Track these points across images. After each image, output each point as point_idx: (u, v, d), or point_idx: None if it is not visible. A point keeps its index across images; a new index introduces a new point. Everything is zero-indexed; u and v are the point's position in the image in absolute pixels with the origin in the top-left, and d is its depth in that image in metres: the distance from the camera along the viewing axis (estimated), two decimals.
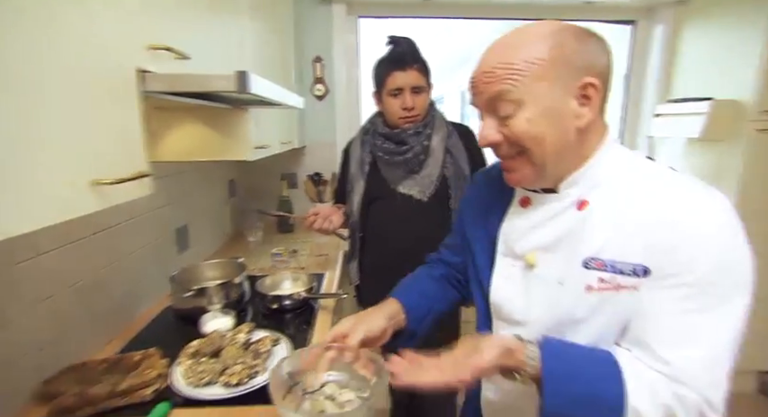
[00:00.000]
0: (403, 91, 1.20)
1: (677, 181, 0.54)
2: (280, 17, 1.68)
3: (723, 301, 0.49)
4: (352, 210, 1.35)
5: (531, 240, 0.61)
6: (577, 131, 0.54)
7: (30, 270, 0.80)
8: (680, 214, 0.50)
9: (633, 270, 0.52)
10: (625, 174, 0.56)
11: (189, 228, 1.49)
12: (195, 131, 1.16)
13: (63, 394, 0.77)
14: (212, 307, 1.09)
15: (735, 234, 0.50)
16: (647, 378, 0.50)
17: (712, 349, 0.49)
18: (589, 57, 0.53)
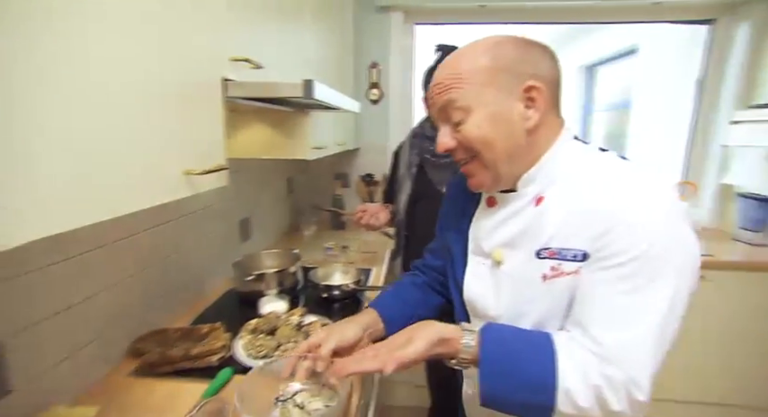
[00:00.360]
0: None
1: (622, 170, 0.57)
2: (340, 26, 1.79)
3: (654, 284, 0.51)
4: (398, 209, 1.41)
5: (495, 238, 0.65)
6: (526, 132, 0.58)
7: (119, 249, 0.95)
8: (617, 201, 0.53)
9: (574, 255, 0.56)
10: (579, 167, 0.59)
11: (251, 220, 1.64)
12: (262, 132, 1.29)
13: (148, 353, 0.91)
14: (269, 292, 1.20)
15: (670, 220, 0.52)
16: (579, 359, 0.52)
17: (641, 330, 0.51)
18: (530, 63, 0.58)
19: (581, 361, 0.52)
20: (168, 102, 0.60)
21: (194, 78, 0.66)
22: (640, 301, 0.51)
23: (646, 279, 0.51)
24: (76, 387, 0.81)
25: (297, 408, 0.67)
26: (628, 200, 0.53)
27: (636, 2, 1.97)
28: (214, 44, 0.72)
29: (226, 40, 0.76)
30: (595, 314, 0.53)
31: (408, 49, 2.21)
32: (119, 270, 0.94)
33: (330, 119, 1.56)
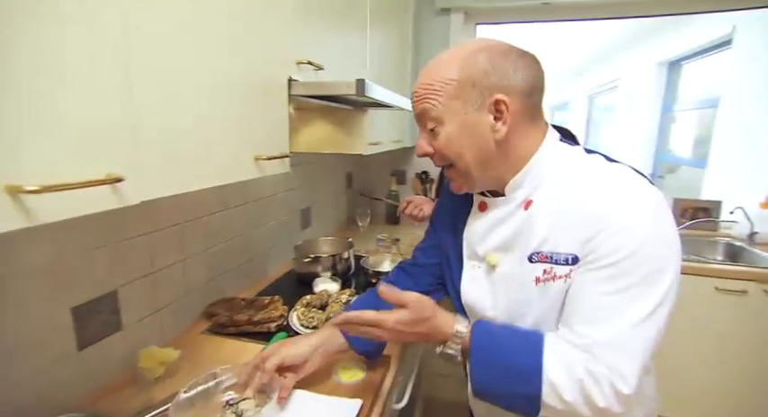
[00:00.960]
0: None
1: (609, 174, 0.58)
2: (400, 28, 1.88)
3: (643, 283, 0.52)
4: None
5: (488, 242, 0.66)
6: (496, 142, 0.59)
7: (199, 226, 1.11)
8: (603, 204, 0.54)
9: (566, 259, 0.57)
10: (565, 171, 0.60)
11: (311, 210, 1.78)
12: (324, 128, 1.41)
13: (218, 316, 1.06)
14: (323, 274, 1.32)
15: (656, 220, 0.53)
16: (566, 354, 0.54)
17: (626, 325, 0.52)
18: (500, 75, 0.57)
19: (566, 356, 0.54)
20: (246, 99, 0.72)
21: (266, 79, 0.78)
22: (628, 299, 0.52)
23: (634, 278, 0.52)
24: (164, 335, 0.98)
25: (234, 415, 0.70)
26: (614, 203, 0.54)
27: None
28: (283, 49, 0.83)
29: (293, 45, 0.88)
30: (582, 311, 0.55)
31: None
32: (199, 244, 1.10)
33: (386, 117, 1.64)
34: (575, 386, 0.53)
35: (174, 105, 0.56)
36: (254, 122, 0.76)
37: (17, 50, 0.36)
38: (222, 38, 0.65)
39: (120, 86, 0.46)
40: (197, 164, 0.61)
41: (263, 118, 0.78)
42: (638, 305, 0.52)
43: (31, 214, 0.37)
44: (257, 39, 0.74)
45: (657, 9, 1.96)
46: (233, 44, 0.68)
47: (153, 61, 0.52)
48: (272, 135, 0.82)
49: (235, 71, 0.69)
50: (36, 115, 0.38)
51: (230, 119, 0.69)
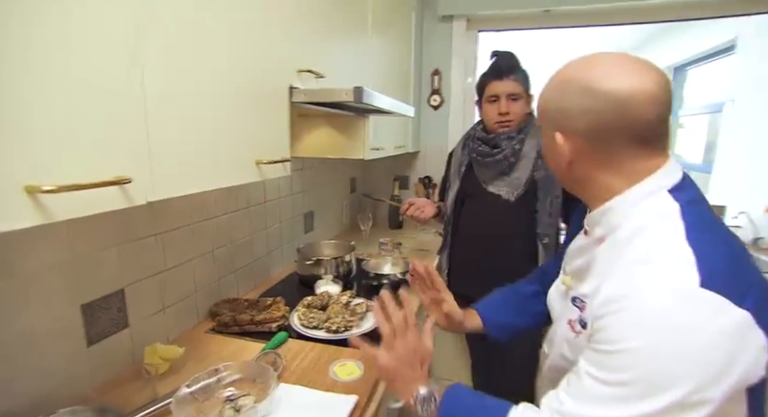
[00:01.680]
0: (499, 98, 1.32)
1: (662, 249, 0.48)
2: (402, 36, 1.92)
3: (640, 393, 0.44)
4: (447, 205, 1.50)
5: (571, 264, 0.67)
6: (567, 165, 0.58)
7: (205, 228, 1.15)
8: (631, 289, 0.46)
9: (582, 322, 0.56)
10: (640, 228, 0.52)
11: (315, 214, 1.82)
12: (326, 134, 1.45)
13: (222, 315, 1.09)
14: (325, 276, 1.35)
15: (684, 334, 0.43)
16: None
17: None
18: (562, 113, 0.56)
19: None
20: (249, 105, 0.76)
21: (268, 86, 0.82)
22: (613, 394, 0.46)
23: (626, 373, 0.45)
24: (169, 333, 1.01)
25: (232, 409, 0.73)
26: (641, 296, 0.45)
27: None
28: (285, 59, 0.88)
29: (295, 55, 0.92)
30: (574, 382, 0.51)
31: (471, 56, 2.27)
32: (206, 245, 1.14)
33: (389, 123, 1.68)
34: None
35: (182, 112, 0.59)
36: (256, 128, 0.79)
37: (38, 54, 0.39)
38: (226, 47, 0.69)
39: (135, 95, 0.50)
40: (201, 168, 0.65)
41: (264, 123, 0.82)
42: (619, 408, 0.45)
43: (47, 212, 0.40)
44: (260, 49, 0.78)
45: (658, 15, 1.98)
46: (237, 53, 0.72)
47: (165, 69, 0.55)
48: (273, 140, 0.85)
49: (239, 79, 0.73)
50: (53, 121, 0.41)
51: (234, 125, 0.72)
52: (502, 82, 1.32)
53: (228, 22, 0.69)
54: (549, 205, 1.29)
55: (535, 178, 1.30)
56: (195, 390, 0.74)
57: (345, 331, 1.04)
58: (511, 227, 1.33)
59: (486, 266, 1.40)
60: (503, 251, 1.36)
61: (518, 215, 1.32)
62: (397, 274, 1.38)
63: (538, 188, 1.30)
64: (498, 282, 1.39)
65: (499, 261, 1.37)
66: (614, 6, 1.93)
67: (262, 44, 0.79)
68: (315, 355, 0.94)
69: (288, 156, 0.88)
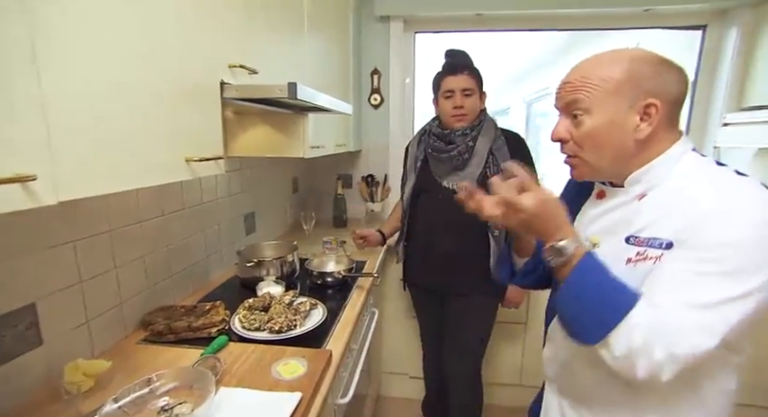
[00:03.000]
0: (454, 93, 1.39)
1: (729, 177, 0.62)
2: (340, 34, 1.92)
3: (724, 275, 0.55)
4: (403, 199, 1.57)
5: (597, 224, 0.73)
6: (635, 142, 0.65)
7: (133, 233, 1.08)
8: (716, 200, 0.58)
9: (660, 243, 0.62)
10: (686, 175, 0.64)
11: (256, 215, 1.77)
12: (263, 132, 1.41)
13: (155, 324, 1.03)
14: (267, 277, 1.32)
15: (763, 217, 0.55)
16: (647, 309, 0.58)
17: (706, 305, 0.55)
18: (658, 82, 0.63)
19: (647, 312, 0.58)
20: (175, 100, 0.72)
21: (197, 81, 0.79)
22: (718, 285, 0.55)
23: (735, 269, 0.55)
24: (94, 347, 0.94)
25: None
26: (728, 200, 0.57)
27: (629, 9, 2.04)
28: (215, 53, 0.85)
29: (226, 49, 0.89)
30: (664, 285, 0.58)
31: (409, 57, 2.33)
32: (133, 251, 1.06)
33: (329, 122, 1.67)
34: (646, 336, 0.56)
35: (90, 106, 0.55)
36: (186, 124, 0.76)
37: None
38: (140, 38, 0.65)
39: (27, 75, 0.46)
40: (119, 166, 0.61)
41: (195, 120, 0.79)
42: (719, 290, 0.55)
43: None
44: (184, 42, 0.75)
45: (574, 24, 2.16)
46: (162, 44, 0.68)
47: (64, 62, 0.51)
48: (204, 137, 0.82)
49: (160, 73, 0.69)
50: None
51: (157, 122, 0.69)
52: (456, 77, 1.38)
53: (143, 12, 0.65)
54: None
55: (487, 174, 1.37)
56: (124, 403, 0.70)
57: (289, 330, 1.02)
58: (464, 220, 1.37)
59: (440, 257, 1.47)
60: (456, 243, 1.43)
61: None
62: (341, 272, 1.38)
63: (488, 184, 1.36)
64: (451, 272, 1.49)
65: (452, 253, 1.45)
66: (538, 13, 2.08)
67: (186, 37, 0.75)
68: (257, 356, 0.92)
69: (221, 154, 0.85)
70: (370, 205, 2.35)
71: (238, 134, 1.34)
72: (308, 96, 0.92)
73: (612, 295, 0.61)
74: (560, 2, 2.02)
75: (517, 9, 2.06)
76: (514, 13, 2.10)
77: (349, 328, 1.12)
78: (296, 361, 0.88)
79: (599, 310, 0.61)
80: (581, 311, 0.63)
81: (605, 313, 0.60)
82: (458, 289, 1.50)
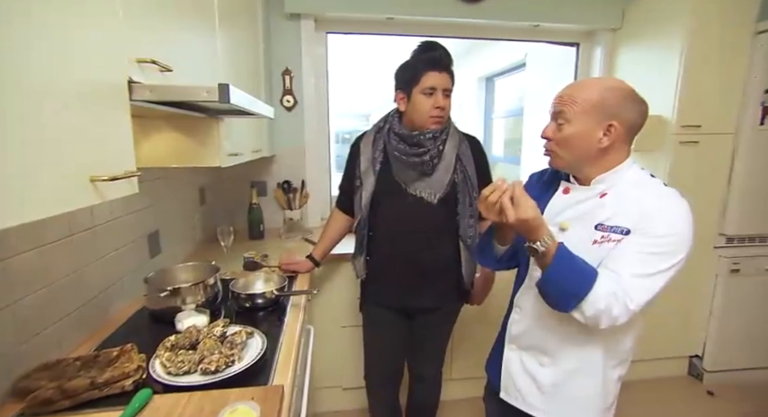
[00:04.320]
0: (436, 91, 1.26)
1: (665, 188, 0.89)
2: (249, 31, 1.76)
3: (666, 254, 0.82)
4: (360, 206, 1.38)
5: (565, 214, 0.95)
6: (598, 150, 0.88)
7: (3, 270, 0.83)
8: (661, 203, 0.85)
9: (621, 230, 0.85)
10: (635, 180, 0.90)
11: (160, 234, 1.52)
12: (171, 139, 1.22)
13: (39, 390, 0.79)
14: (186, 307, 1.14)
15: (689, 218, 0.84)
16: (606, 281, 0.82)
17: (647, 273, 0.82)
18: (621, 110, 0.86)
19: (606, 283, 0.82)
20: (65, 106, 0.55)
21: (97, 80, 0.62)
22: (654, 259, 0.82)
23: (665, 249, 0.82)
24: None
25: None
26: (668, 203, 0.85)
27: (520, 24, 2.26)
28: (118, 46, 0.67)
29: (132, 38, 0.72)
30: (623, 260, 0.83)
31: (321, 57, 2.25)
32: None
33: (244, 125, 1.52)
34: (606, 300, 0.81)
35: None
36: (86, 135, 0.59)
37: None
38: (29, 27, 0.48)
39: None
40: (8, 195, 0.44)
41: (97, 129, 0.62)
42: (659, 264, 0.82)
43: None
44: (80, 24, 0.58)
45: (475, 33, 2.32)
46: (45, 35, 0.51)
47: None
48: (111, 149, 0.65)
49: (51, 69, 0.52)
50: None
51: (48, 132, 0.52)
52: (441, 74, 1.26)
53: None
54: (470, 205, 1.31)
55: (455, 180, 1.31)
56: None
57: (227, 368, 0.89)
58: (434, 230, 1.32)
59: (410, 271, 1.36)
60: (426, 253, 1.34)
61: (440, 217, 1.31)
62: (274, 291, 1.26)
63: (458, 190, 1.31)
64: (422, 288, 1.39)
65: (423, 265, 1.35)
66: (444, 21, 2.18)
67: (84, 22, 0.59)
68: (195, 408, 0.77)
69: (134, 169, 0.69)
70: (289, 213, 2.21)
71: (140, 141, 1.13)
72: (241, 101, 0.80)
73: (580, 275, 0.83)
74: (464, 12, 2.14)
75: (425, 16, 2.13)
76: (422, 19, 2.17)
77: (293, 355, 1.02)
78: (245, 406, 0.76)
79: (572, 286, 0.83)
80: (559, 288, 0.85)
81: (577, 288, 0.82)
82: (429, 305, 1.40)
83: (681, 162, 2.01)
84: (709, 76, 1.93)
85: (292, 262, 1.54)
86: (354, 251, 1.47)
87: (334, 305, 1.90)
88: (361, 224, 1.39)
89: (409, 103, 1.30)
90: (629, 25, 2.24)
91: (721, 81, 1.96)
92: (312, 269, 1.57)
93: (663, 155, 2.04)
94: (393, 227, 1.36)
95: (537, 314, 1.00)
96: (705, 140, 2.01)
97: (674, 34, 1.94)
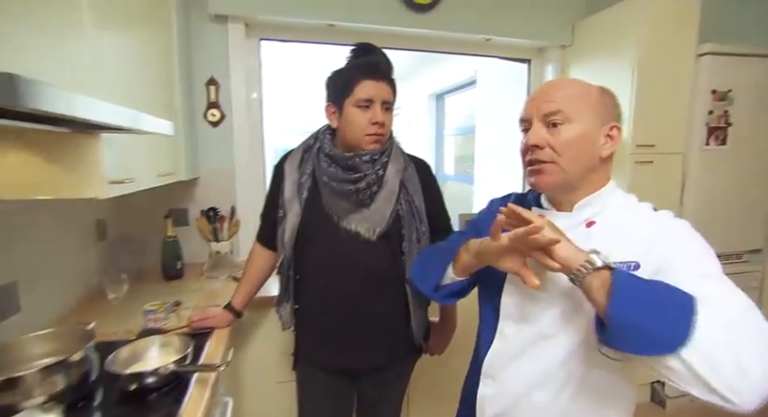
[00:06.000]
0: (373, 103, 1.03)
1: (660, 212, 0.73)
2: (159, 34, 1.46)
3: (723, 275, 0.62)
4: (283, 243, 1.12)
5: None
6: (599, 159, 0.72)
7: None
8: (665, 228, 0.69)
9: (628, 266, 0.65)
10: (623, 206, 0.74)
11: (20, 286, 1.14)
12: (22, 162, 0.89)
13: None
14: (28, 403, 0.79)
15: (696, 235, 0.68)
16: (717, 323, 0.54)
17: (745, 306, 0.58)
18: (618, 114, 0.74)
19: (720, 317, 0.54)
20: None
21: None
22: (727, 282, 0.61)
23: (715, 266, 0.63)
24: None
25: None
26: (664, 223, 0.69)
27: (472, 37, 2.13)
28: None
29: None
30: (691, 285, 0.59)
31: (254, 66, 1.97)
32: None
33: (143, 144, 1.20)
34: (730, 347, 0.52)
35: None
36: None
37: None
38: None
39: None
40: None
41: None
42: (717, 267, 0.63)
43: None
44: None
45: (423, 45, 2.16)
46: None
47: None
48: None
49: None
50: None
51: None
52: (378, 83, 1.02)
53: None
54: (417, 242, 1.07)
55: (399, 212, 1.06)
56: None
57: None
58: (374, 273, 1.07)
59: (347, 324, 1.09)
60: (367, 303, 1.08)
61: (381, 257, 1.07)
62: (170, 365, 0.93)
63: (402, 224, 1.06)
64: (365, 343, 1.10)
65: (364, 318, 1.09)
66: (391, 30, 2.00)
67: None
68: None
69: None
70: (215, 245, 1.87)
71: None
72: (49, 101, 0.50)
73: (667, 295, 0.57)
74: (413, 22, 1.98)
75: (370, 23, 1.94)
76: (367, 27, 1.97)
77: None
78: None
79: (660, 322, 0.54)
80: (639, 331, 0.55)
81: (670, 322, 0.54)
82: (374, 363, 1.14)
83: (637, 182, 1.94)
84: (660, 96, 1.90)
85: (207, 317, 1.21)
86: (278, 296, 1.20)
87: (266, 356, 1.58)
88: (284, 264, 1.13)
89: (341, 118, 1.07)
90: (580, 43, 2.19)
91: (670, 101, 1.94)
92: (233, 322, 1.26)
93: (620, 175, 1.96)
94: (324, 270, 1.10)
95: (521, 389, 0.75)
96: (659, 160, 1.97)
97: (624, 54, 1.89)
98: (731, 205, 2.08)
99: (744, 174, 2.08)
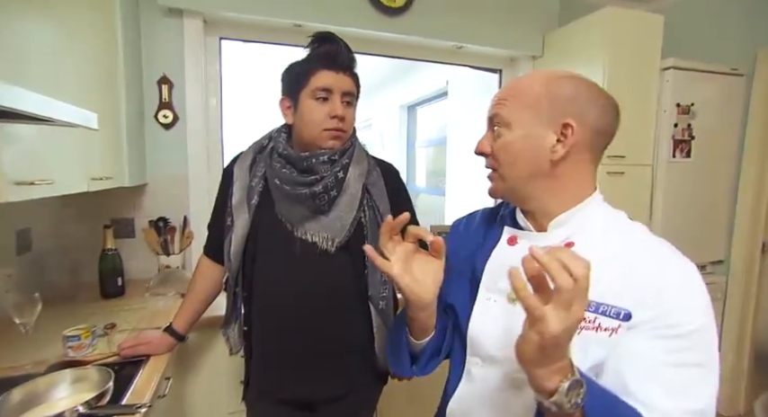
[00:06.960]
0: (332, 95, 0.91)
1: (657, 241, 0.60)
2: (101, 21, 1.30)
3: (710, 360, 0.53)
4: (229, 255, 0.98)
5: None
6: (551, 163, 0.61)
7: None
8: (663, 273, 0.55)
9: (618, 313, 0.54)
10: (609, 227, 0.61)
11: None
12: None
13: None
14: None
15: (707, 295, 0.55)
16: None
17: (709, 399, 0.52)
18: (579, 103, 0.60)
19: None
20: None
21: None
22: (705, 373, 0.52)
23: (702, 352, 0.53)
24: None
25: None
26: (673, 272, 0.55)
27: (443, 43, 2.08)
28: None
29: None
30: (662, 383, 0.52)
31: (212, 66, 1.83)
32: None
33: (64, 141, 1.03)
34: None
35: None
36: None
37: None
38: None
39: None
40: None
41: None
42: (712, 378, 0.53)
43: None
44: None
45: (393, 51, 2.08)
46: None
47: None
48: None
49: None
50: None
51: None
52: (337, 74, 0.92)
53: None
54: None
55: (362, 220, 0.95)
56: None
57: None
58: (333, 289, 0.94)
59: (303, 348, 0.96)
60: (324, 324, 0.95)
61: (342, 271, 0.95)
62: (79, 408, 0.75)
63: (365, 234, 0.95)
64: (323, 370, 0.96)
65: (321, 341, 0.96)
66: (361, 34, 1.92)
67: None
68: None
69: None
70: (165, 259, 1.68)
71: None
72: None
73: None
74: (384, 25, 1.91)
75: (339, 25, 1.84)
76: (336, 29, 1.83)
77: None
78: None
79: None
80: None
81: None
82: (333, 392, 1.00)
83: (609, 193, 1.81)
84: (629, 108, 1.83)
85: (140, 343, 1.04)
86: (225, 317, 1.06)
87: (215, 385, 1.41)
88: (231, 280, 1.00)
89: (296, 113, 0.96)
90: (550, 54, 2.18)
91: (639, 113, 1.96)
92: (173, 347, 1.09)
93: None
94: (276, 286, 0.96)
95: None
96: (630, 171, 1.96)
97: (593, 66, 1.89)
98: (696, 217, 2.10)
99: (707, 187, 2.11)
